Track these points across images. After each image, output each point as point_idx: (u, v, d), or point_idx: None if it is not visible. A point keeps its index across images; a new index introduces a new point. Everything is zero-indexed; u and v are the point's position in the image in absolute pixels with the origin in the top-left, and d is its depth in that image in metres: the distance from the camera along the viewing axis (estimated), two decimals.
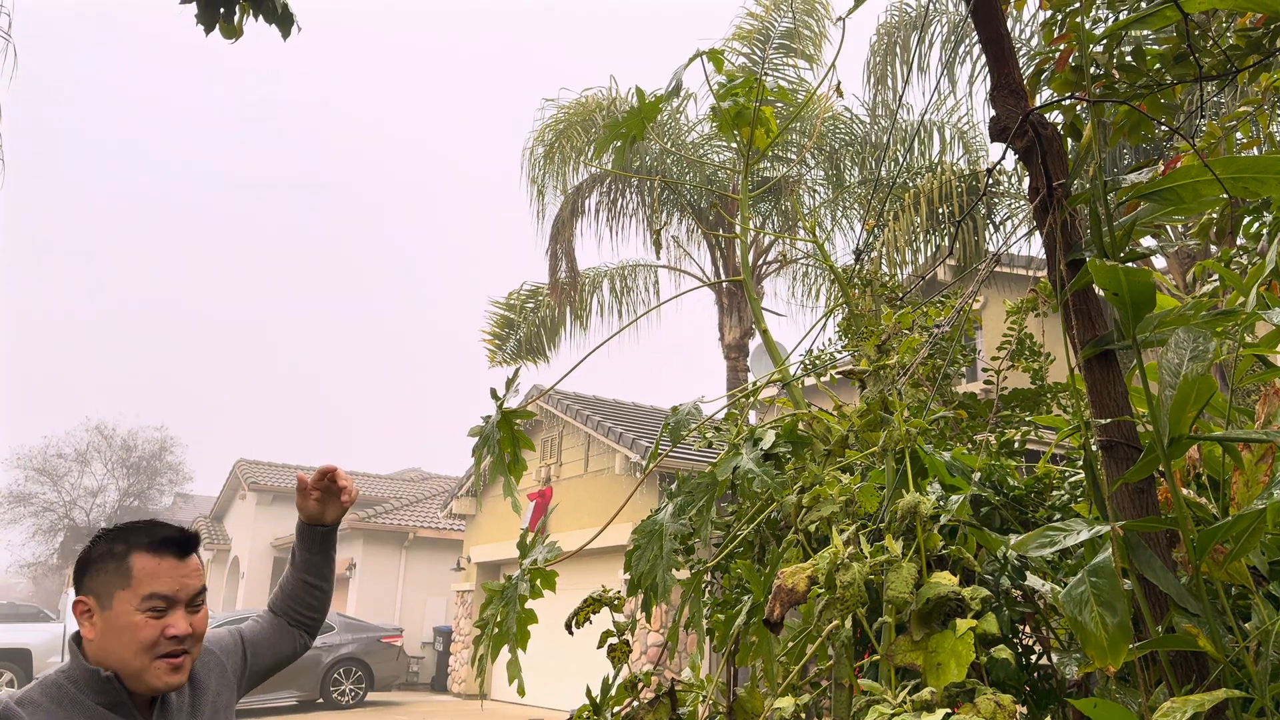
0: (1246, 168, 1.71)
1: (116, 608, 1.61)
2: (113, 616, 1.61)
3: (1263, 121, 3.61)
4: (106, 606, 1.61)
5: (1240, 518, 1.64)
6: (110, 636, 1.61)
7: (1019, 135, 1.88)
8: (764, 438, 1.74)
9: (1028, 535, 1.81)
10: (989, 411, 3.61)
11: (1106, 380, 1.92)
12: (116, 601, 1.61)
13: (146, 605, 1.62)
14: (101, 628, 1.61)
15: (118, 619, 1.60)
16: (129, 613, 1.61)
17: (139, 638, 1.60)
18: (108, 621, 1.61)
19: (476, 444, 2.14)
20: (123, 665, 1.60)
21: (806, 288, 12.86)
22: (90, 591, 1.63)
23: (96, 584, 1.63)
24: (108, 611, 1.61)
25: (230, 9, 3.09)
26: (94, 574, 1.64)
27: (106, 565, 1.63)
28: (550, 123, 12.65)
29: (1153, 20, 1.77)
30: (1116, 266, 1.57)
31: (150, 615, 1.62)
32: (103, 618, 1.61)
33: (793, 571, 1.37)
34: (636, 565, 1.77)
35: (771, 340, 2.24)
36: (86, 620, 1.62)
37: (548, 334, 13.88)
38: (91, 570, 1.64)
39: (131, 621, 1.60)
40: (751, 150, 2.55)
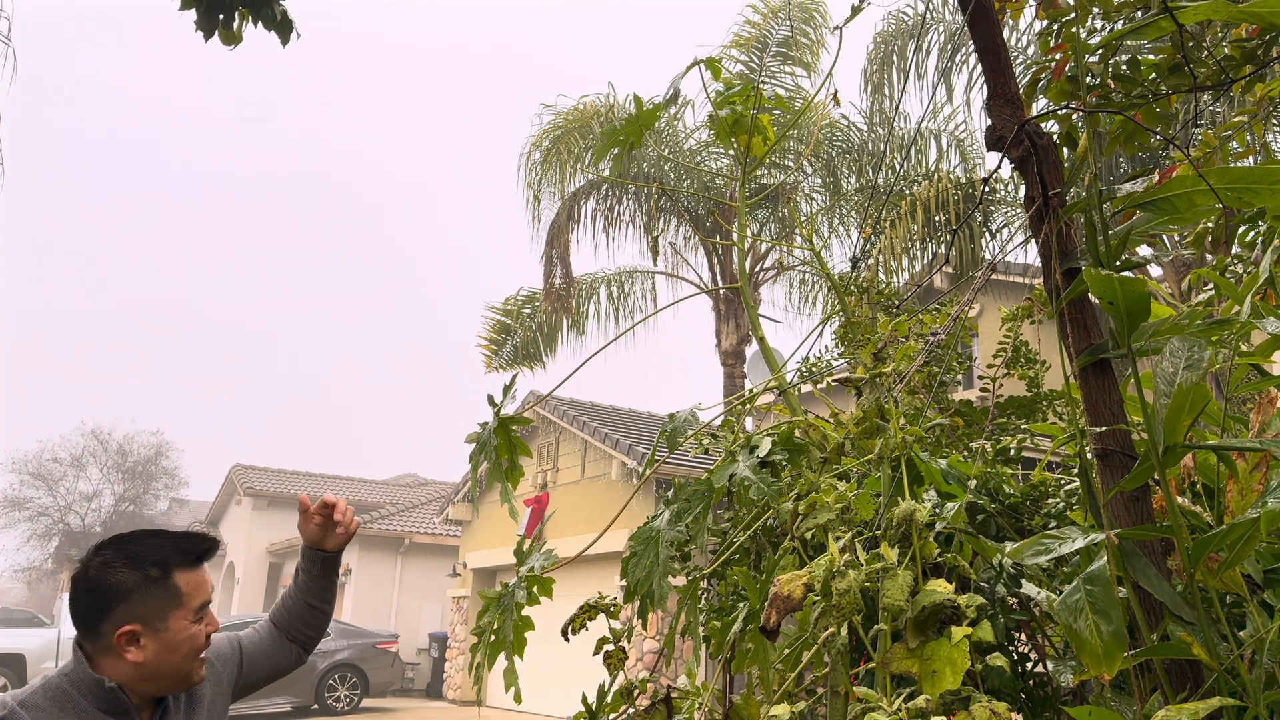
0: (1241, 178, 1.72)
1: (172, 626, 1.65)
2: (169, 635, 1.65)
3: (1258, 131, 3.63)
4: (160, 629, 1.64)
5: (1234, 526, 1.64)
6: (166, 653, 1.65)
7: (1015, 145, 1.89)
8: (760, 445, 1.75)
9: (1023, 543, 1.82)
10: (985, 419, 3.62)
11: (1102, 389, 1.93)
12: (171, 621, 1.65)
13: (199, 615, 1.70)
14: (154, 649, 1.63)
15: (174, 636, 1.66)
16: (185, 627, 1.67)
17: (196, 645, 1.69)
18: (162, 641, 1.64)
19: (473, 451, 2.14)
20: (176, 672, 1.67)
21: (804, 294, 12.88)
22: (136, 619, 1.63)
23: (144, 610, 1.63)
24: (163, 633, 1.65)
25: (229, 15, 3.10)
26: (137, 602, 1.63)
27: (150, 590, 1.64)
28: (547, 128, 12.66)
29: (1147, 31, 1.78)
30: (1111, 276, 1.58)
31: (201, 621, 1.71)
32: (156, 639, 1.64)
33: (789, 579, 1.37)
34: (633, 572, 1.77)
35: (768, 347, 2.25)
36: (133, 648, 1.62)
37: (545, 340, 13.88)
38: (134, 599, 1.63)
39: (190, 634, 1.68)
40: (749, 158, 2.56)
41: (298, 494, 2.67)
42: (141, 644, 1.63)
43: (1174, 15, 1.74)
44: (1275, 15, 1.73)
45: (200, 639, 1.70)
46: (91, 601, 1.63)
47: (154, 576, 1.65)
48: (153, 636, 1.63)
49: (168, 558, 1.68)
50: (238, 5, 3.09)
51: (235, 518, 28.24)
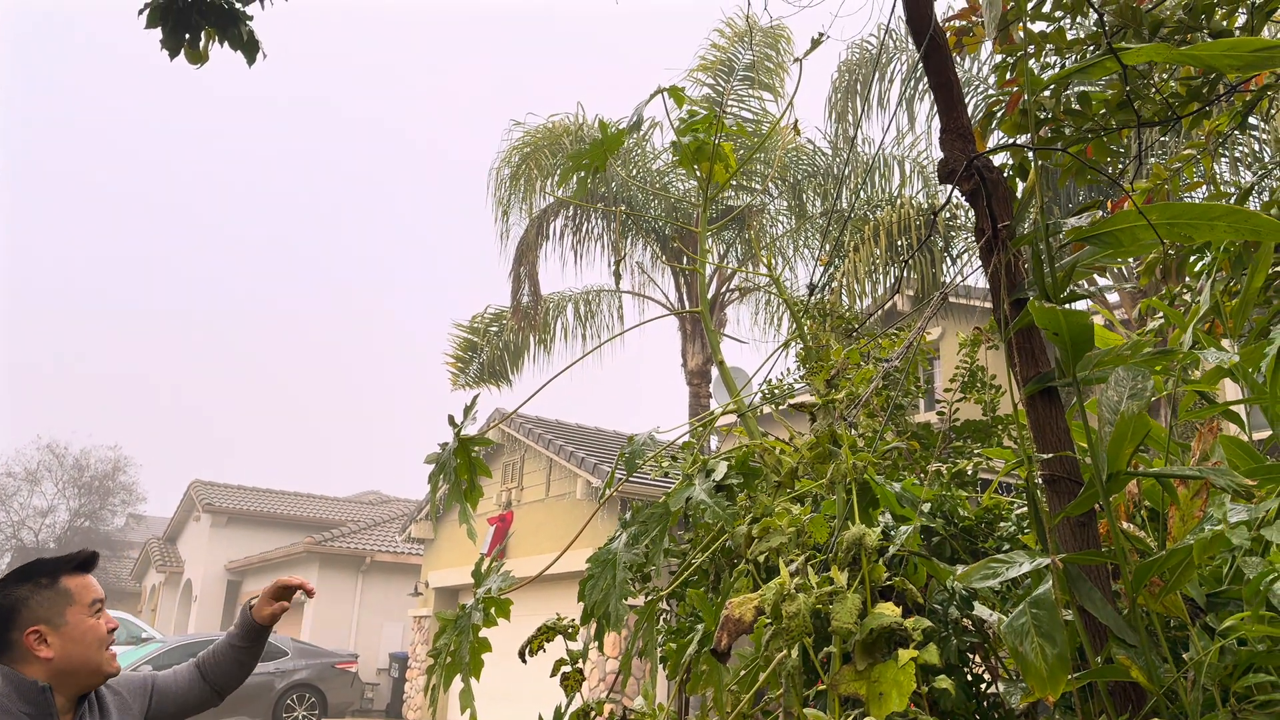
0: (1181, 214, 1.78)
1: (71, 620, 1.92)
2: (70, 629, 1.91)
3: (1206, 164, 3.74)
4: (61, 625, 1.90)
5: (1173, 552, 1.69)
6: (73, 645, 1.90)
7: (965, 178, 1.94)
8: (716, 469, 1.77)
9: (972, 567, 1.86)
10: (942, 442, 3.67)
11: (1049, 416, 1.97)
12: (69, 616, 1.92)
13: (94, 610, 1.97)
14: (60, 644, 1.89)
15: (75, 629, 1.92)
16: (82, 620, 1.93)
17: (98, 635, 1.95)
18: (66, 635, 1.90)
19: (433, 471, 2.15)
20: (87, 663, 1.92)
21: (769, 315, 12.99)
22: (39, 620, 1.89)
23: (42, 612, 1.90)
24: (64, 628, 1.90)
25: (195, 35, 3.10)
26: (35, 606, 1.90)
27: (43, 595, 1.91)
28: (517, 145, 12.69)
29: (1094, 70, 1.84)
30: (1056, 309, 1.63)
31: (97, 616, 1.97)
32: (60, 634, 1.89)
33: (740, 602, 1.40)
34: (590, 594, 1.78)
35: (727, 371, 2.28)
36: (43, 646, 1.88)
37: (511, 358, 13.86)
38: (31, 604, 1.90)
39: (89, 625, 1.94)
40: (710, 186, 2.60)
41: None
42: (49, 642, 1.88)
43: (1118, 56, 1.80)
44: (1214, 59, 1.80)
45: (101, 629, 1.96)
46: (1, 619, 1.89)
47: (44, 584, 1.93)
48: (56, 633, 1.89)
49: (54, 568, 1.97)
50: (204, 25, 3.09)
51: (194, 534, 27.79)
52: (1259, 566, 1.76)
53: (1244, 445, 2.21)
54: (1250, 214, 1.76)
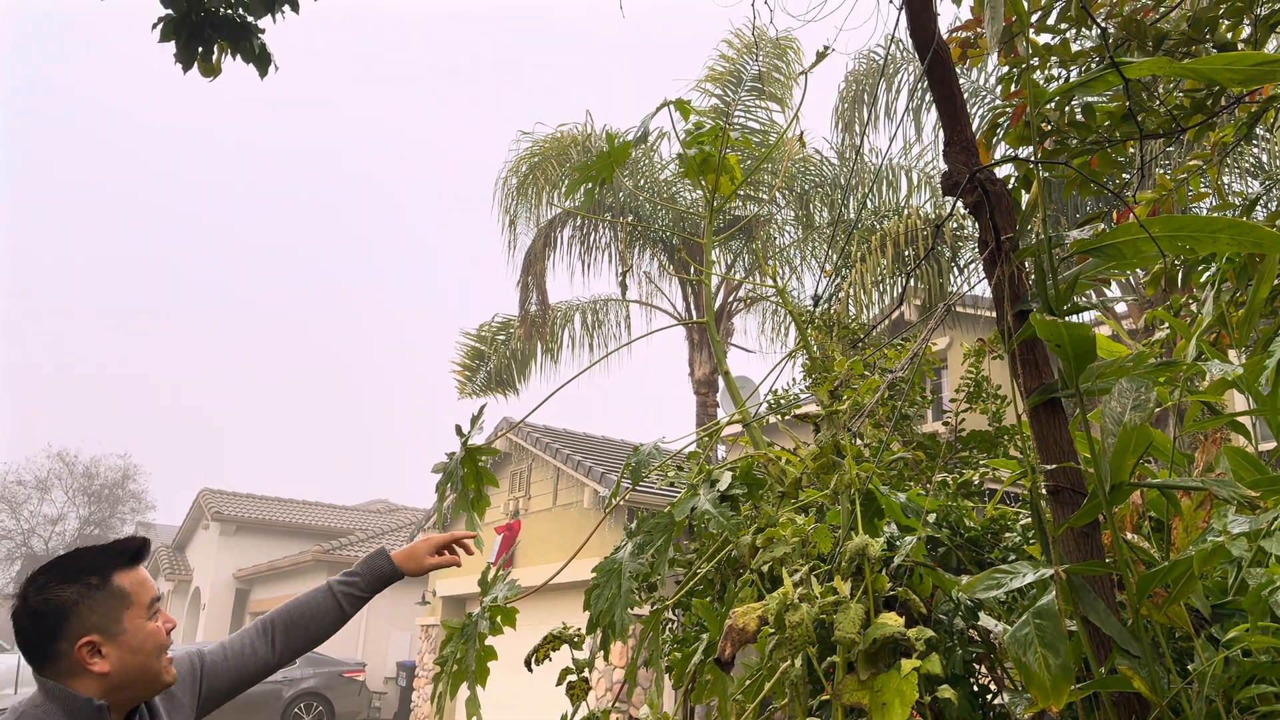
0: (1183, 226, 1.80)
1: (129, 627, 1.64)
2: (128, 637, 1.63)
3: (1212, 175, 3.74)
4: (118, 633, 1.62)
5: (1175, 563, 1.70)
6: (131, 655, 1.63)
7: (968, 191, 1.96)
8: (720, 479, 1.79)
9: (976, 577, 1.86)
10: (948, 452, 3.68)
11: (1052, 427, 1.98)
12: (126, 621, 1.64)
13: (152, 611, 1.69)
14: (117, 654, 1.62)
15: (134, 637, 1.64)
16: (142, 625, 1.66)
17: (158, 641, 1.67)
18: (124, 645, 1.62)
19: (440, 481, 2.17)
20: (145, 674, 1.65)
21: (776, 324, 12.99)
22: (92, 629, 1.61)
23: (96, 618, 1.61)
24: (122, 636, 1.63)
25: (208, 48, 3.14)
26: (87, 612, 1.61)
27: (95, 598, 1.62)
28: (525, 155, 12.73)
29: (1096, 84, 1.86)
30: (1058, 321, 1.64)
31: (156, 617, 1.69)
32: (117, 644, 1.62)
33: (744, 612, 1.41)
34: (595, 603, 1.80)
35: (733, 382, 2.30)
36: (97, 659, 1.60)
37: (518, 366, 13.89)
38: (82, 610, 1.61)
39: (149, 630, 1.66)
40: (716, 197, 2.62)
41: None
42: (104, 653, 1.60)
43: (1120, 70, 1.82)
44: (1215, 73, 1.81)
45: (161, 634, 1.69)
46: (41, 627, 1.61)
47: (95, 584, 1.63)
48: (113, 642, 1.61)
49: (102, 563, 1.67)
50: (217, 38, 3.14)
51: (202, 543, 27.86)
52: (1262, 577, 1.77)
53: (1249, 456, 2.21)
54: (1253, 226, 1.77)
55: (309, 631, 2.03)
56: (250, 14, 3.13)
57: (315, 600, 2.06)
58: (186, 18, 3.04)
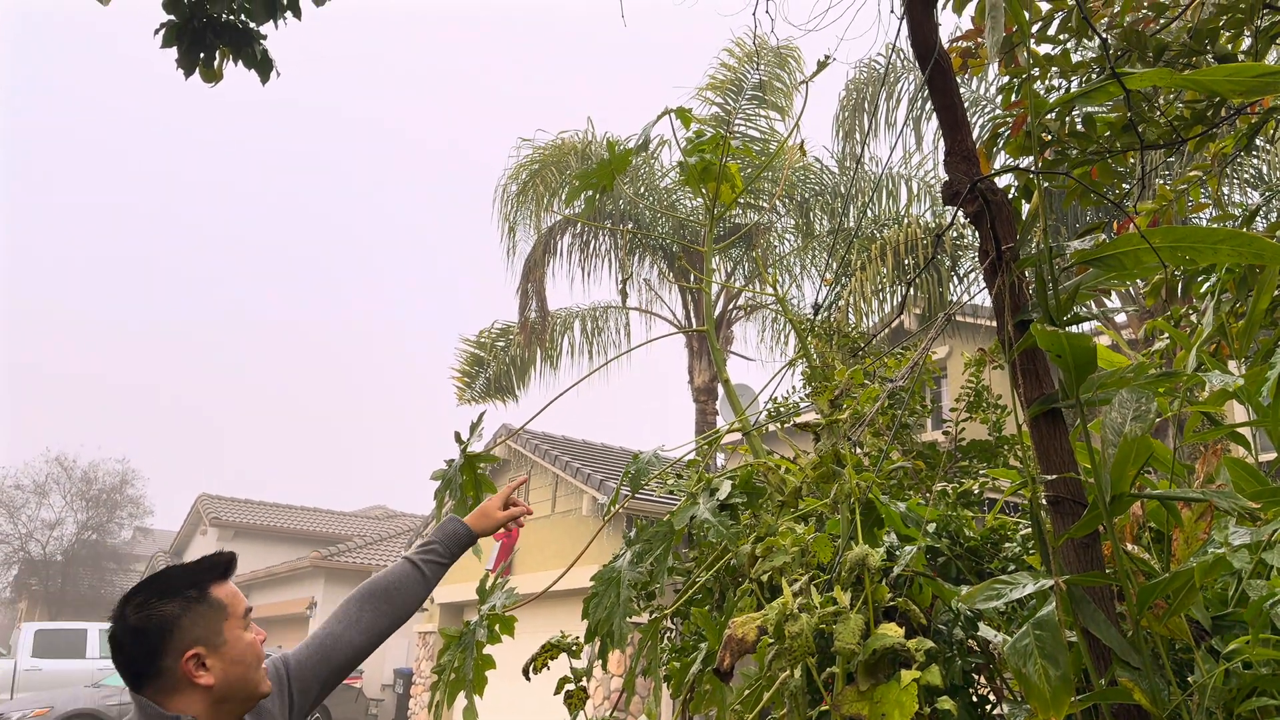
0: (1184, 237, 1.79)
1: (229, 637, 1.65)
2: (229, 648, 1.64)
3: (1212, 185, 3.75)
4: (220, 644, 1.64)
5: (1176, 575, 1.69)
6: (234, 666, 1.64)
7: (969, 200, 1.96)
8: (720, 488, 1.78)
9: (976, 588, 1.86)
10: (948, 461, 3.67)
11: (1052, 437, 1.98)
12: (226, 633, 1.65)
13: (247, 622, 1.71)
14: (221, 665, 1.63)
15: (234, 647, 1.65)
16: (240, 636, 1.67)
17: (256, 652, 1.69)
18: (225, 656, 1.64)
19: (438, 488, 2.16)
20: (246, 685, 1.66)
21: (776, 333, 12.99)
22: (196, 642, 1.62)
23: (199, 631, 1.63)
24: (223, 647, 1.64)
25: (210, 54, 3.14)
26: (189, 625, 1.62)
27: (197, 610, 1.64)
28: (525, 162, 12.75)
29: (1097, 95, 1.86)
30: (1059, 332, 1.64)
31: (250, 630, 1.70)
32: (220, 655, 1.63)
33: (743, 622, 1.40)
34: (593, 612, 1.79)
35: (732, 390, 2.29)
36: (202, 671, 1.61)
37: (518, 373, 13.89)
38: (185, 624, 1.62)
39: (248, 641, 1.68)
40: (716, 205, 2.62)
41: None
42: (208, 665, 1.62)
43: (1121, 81, 1.82)
44: (1216, 84, 1.81)
45: (258, 645, 1.70)
46: (144, 644, 1.61)
47: (194, 597, 1.65)
48: (216, 654, 1.63)
49: (198, 577, 1.68)
50: (219, 44, 3.14)
51: (200, 548, 27.82)
52: (1263, 590, 1.76)
53: (1249, 467, 2.20)
54: (1253, 238, 1.77)
55: (395, 604, 2.00)
56: (252, 20, 3.14)
57: (397, 573, 2.03)
58: (188, 24, 3.05)
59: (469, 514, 2.13)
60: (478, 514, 2.12)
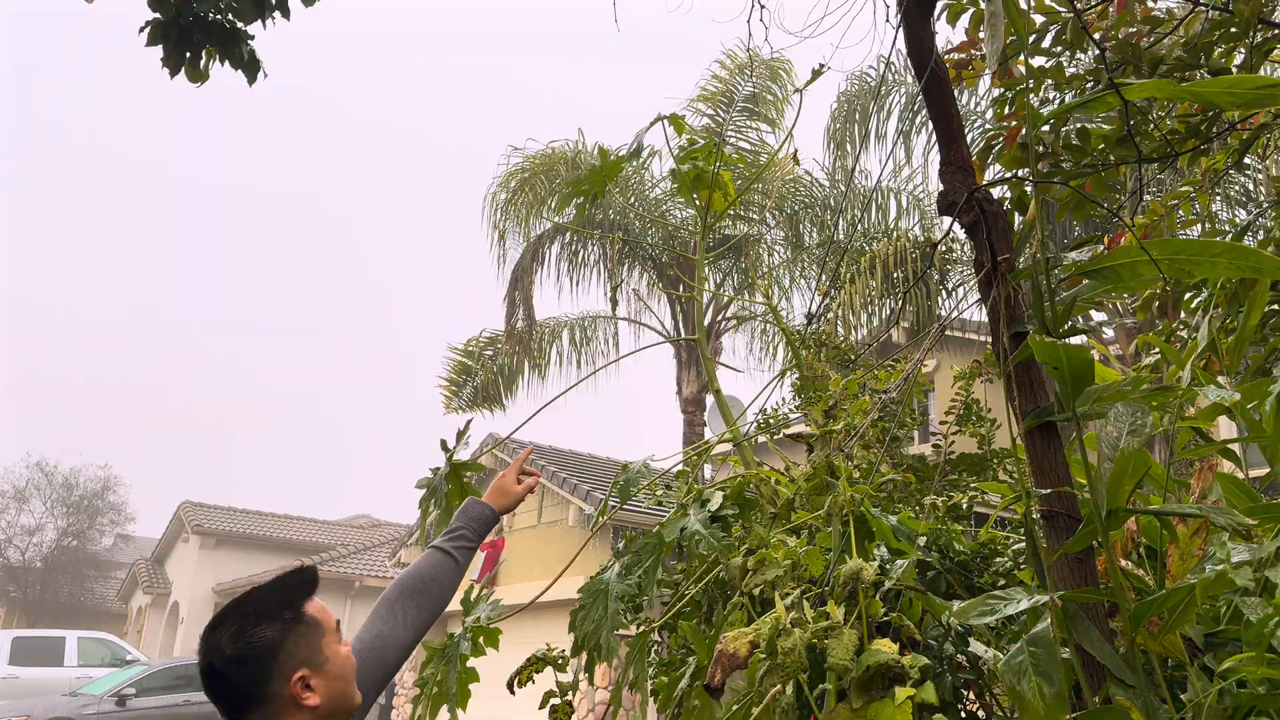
0: (1182, 249, 1.78)
1: (329, 654, 1.62)
2: (330, 665, 1.61)
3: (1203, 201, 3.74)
4: (322, 662, 1.60)
5: (1173, 591, 1.67)
6: (336, 683, 1.61)
7: (965, 211, 1.94)
8: (711, 499, 1.75)
9: (969, 603, 1.83)
10: (937, 475, 3.65)
11: (1047, 450, 1.96)
12: (326, 650, 1.62)
13: (340, 634, 1.68)
14: (325, 684, 1.59)
15: (334, 663, 1.62)
16: (338, 651, 1.64)
17: (351, 664, 1.67)
18: (328, 673, 1.60)
19: (423, 496, 2.12)
20: (346, 699, 1.64)
21: (765, 344, 12.98)
22: (301, 663, 1.58)
23: (303, 652, 1.59)
24: (325, 665, 1.60)
25: (197, 54, 3.10)
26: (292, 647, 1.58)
27: (297, 630, 1.60)
28: (514, 169, 12.72)
29: (1095, 105, 1.84)
30: (1056, 343, 1.62)
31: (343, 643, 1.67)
32: (323, 674, 1.59)
33: (734, 637, 1.37)
34: (581, 625, 1.75)
35: (724, 400, 2.26)
36: (309, 692, 1.58)
37: (505, 382, 13.82)
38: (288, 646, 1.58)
39: (344, 655, 1.65)
40: (709, 213, 2.59)
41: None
42: (313, 685, 1.58)
43: (1120, 91, 1.80)
44: (1215, 96, 1.80)
45: (352, 658, 1.68)
46: (249, 672, 1.56)
47: (291, 618, 1.61)
48: (320, 673, 1.59)
49: (290, 597, 1.65)
50: (205, 43, 3.10)
51: (182, 556, 27.56)
52: (1259, 608, 1.74)
53: (1240, 483, 2.19)
54: (1251, 250, 1.75)
55: (434, 595, 1.98)
56: (240, 20, 3.11)
57: (430, 564, 2.01)
58: (175, 22, 3.01)
59: (487, 493, 2.10)
60: (496, 492, 2.10)
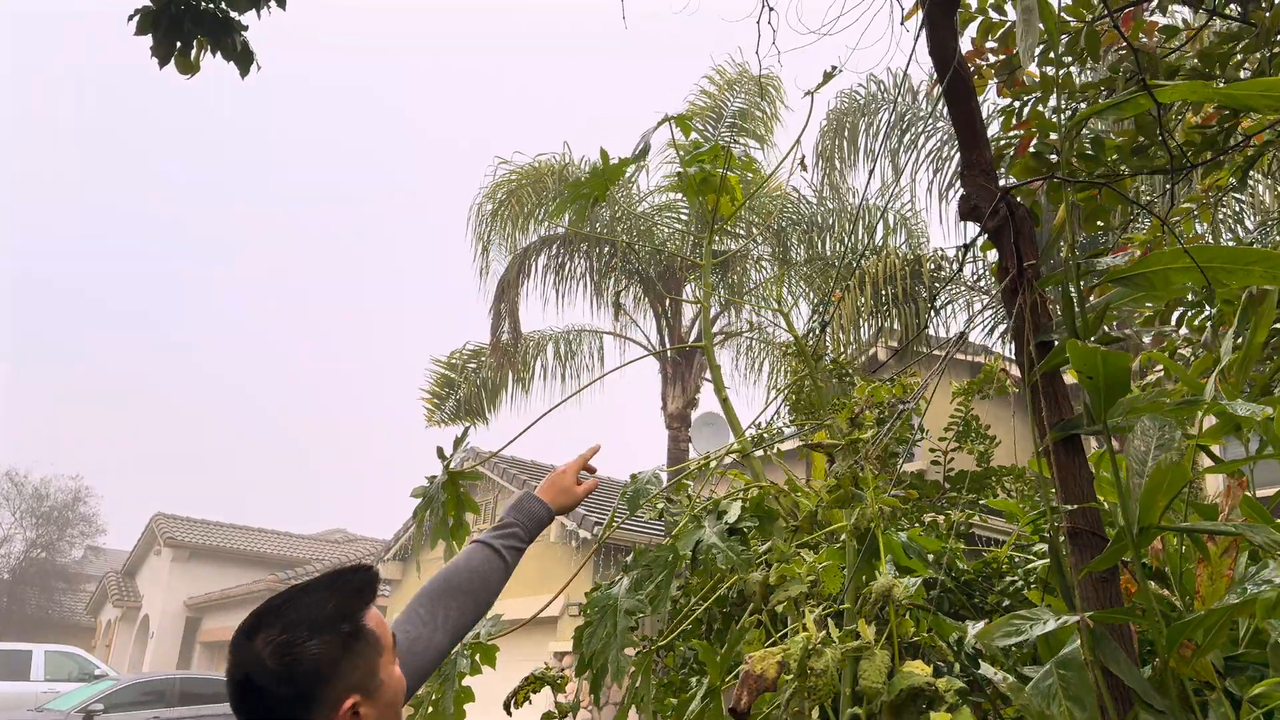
0: (1216, 257, 1.72)
1: (384, 678, 1.36)
2: (384, 691, 1.36)
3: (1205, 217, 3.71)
4: (376, 688, 1.35)
5: (1212, 613, 1.60)
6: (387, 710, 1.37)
7: (992, 214, 1.87)
8: (729, 510, 1.66)
9: (994, 623, 1.75)
10: (936, 492, 3.58)
11: (1072, 465, 1.88)
12: (382, 673, 1.36)
13: (395, 653, 1.42)
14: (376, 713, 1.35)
15: (388, 689, 1.37)
16: (393, 674, 1.39)
17: (403, 688, 1.43)
18: (382, 700, 1.36)
19: (419, 505, 2.02)
20: None
21: (750, 362, 12.92)
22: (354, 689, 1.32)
23: (358, 676, 1.33)
24: (379, 690, 1.35)
25: (188, 44, 3.00)
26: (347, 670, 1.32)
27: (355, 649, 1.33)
28: (501, 180, 12.63)
29: (1126, 107, 1.78)
30: (1095, 348, 1.54)
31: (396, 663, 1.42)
32: (376, 702, 1.34)
33: (761, 657, 1.28)
34: (587, 643, 1.66)
35: (731, 408, 2.18)
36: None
37: (489, 395, 13.67)
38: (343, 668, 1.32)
39: (398, 678, 1.40)
40: (716, 216, 2.52)
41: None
42: (362, 714, 1.32)
43: (1152, 93, 1.74)
44: (1250, 99, 1.74)
45: (403, 679, 1.43)
46: (293, 693, 1.29)
47: (349, 632, 1.34)
48: (372, 701, 1.34)
49: (350, 605, 1.36)
50: (197, 33, 3.00)
51: (154, 569, 27.12)
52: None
53: (1254, 504, 2.13)
54: None
55: (478, 597, 1.72)
56: (233, 9, 3.01)
57: (475, 560, 1.75)
58: (165, 10, 2.91)
59: (542, 488, 1.88)
60: (555, 489, 1.86)
